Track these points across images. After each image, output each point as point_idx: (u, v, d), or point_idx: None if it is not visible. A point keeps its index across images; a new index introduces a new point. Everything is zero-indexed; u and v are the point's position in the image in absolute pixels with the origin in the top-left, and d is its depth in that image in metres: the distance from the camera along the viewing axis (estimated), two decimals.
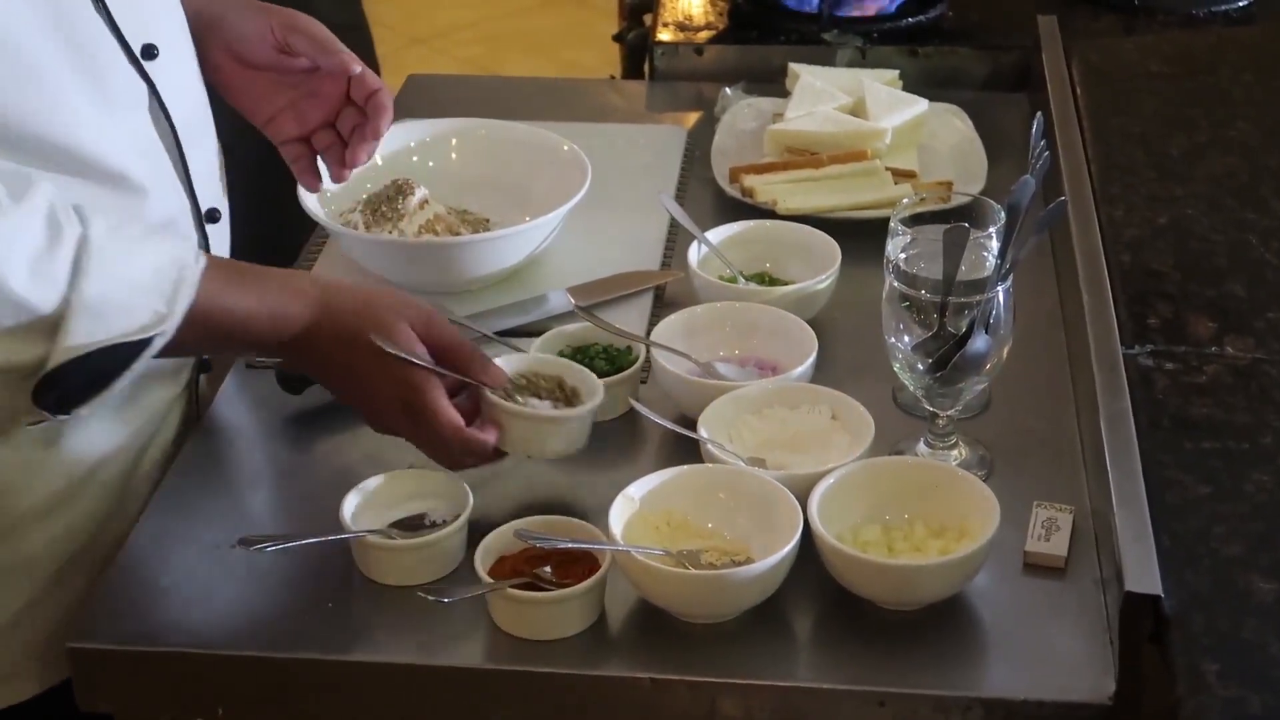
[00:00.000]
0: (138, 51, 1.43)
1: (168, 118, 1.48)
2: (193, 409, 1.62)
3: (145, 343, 1.28)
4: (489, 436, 1.41)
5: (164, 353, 1.31)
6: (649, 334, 1.63)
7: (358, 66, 1.61)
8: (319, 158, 1.65)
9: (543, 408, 1.44)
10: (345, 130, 1.64)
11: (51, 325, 1.25)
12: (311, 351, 1.40)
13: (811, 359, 1.55)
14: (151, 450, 1.54)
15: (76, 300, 1.24)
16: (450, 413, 1.39)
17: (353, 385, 1.41)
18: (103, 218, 1.29)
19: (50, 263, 1.24)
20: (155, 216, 1.43)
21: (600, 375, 1.53)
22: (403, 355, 1.37)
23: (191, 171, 1.51)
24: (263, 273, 1.39)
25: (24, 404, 1.28)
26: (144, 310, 1.28)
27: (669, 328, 1.61)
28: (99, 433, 1.46)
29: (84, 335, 1.25)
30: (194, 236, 1.53)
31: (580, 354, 1.60)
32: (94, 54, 1.38)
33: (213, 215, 1.56)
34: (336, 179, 1.66)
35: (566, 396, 1.47)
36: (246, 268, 1.39)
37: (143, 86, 1.44)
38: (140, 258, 1.30)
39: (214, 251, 1.56)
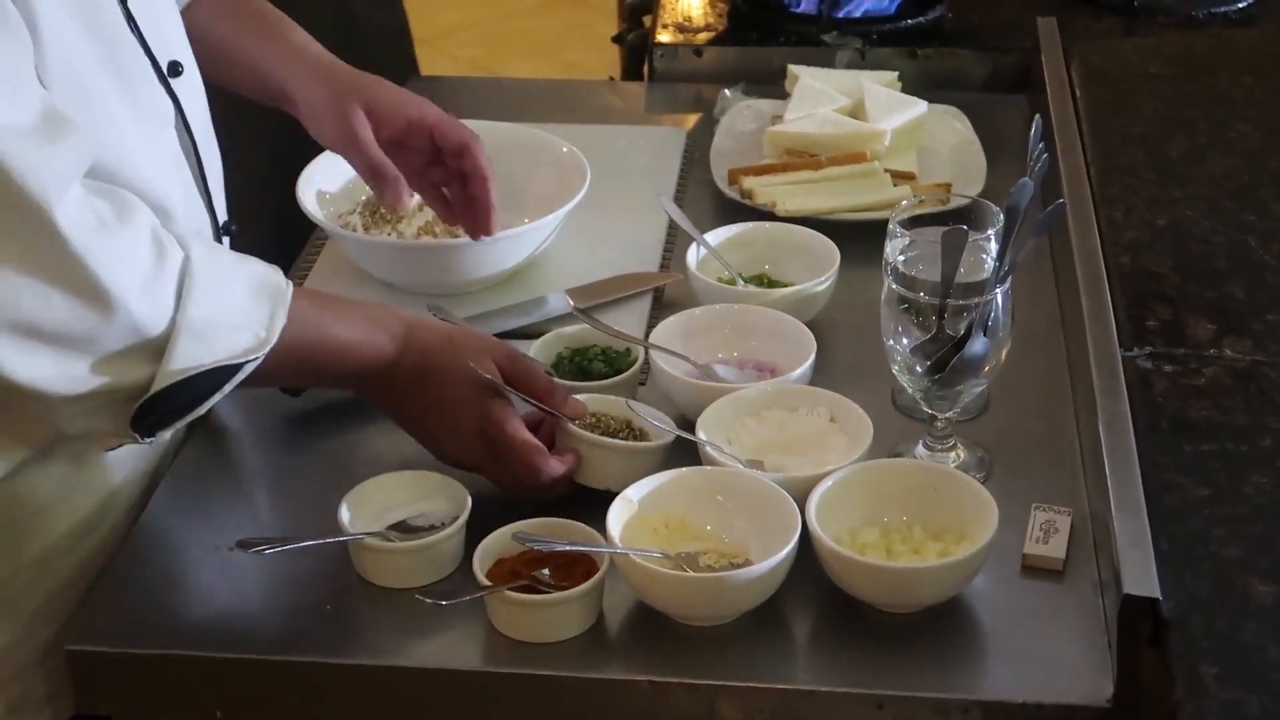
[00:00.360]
0: (165, 69, 1.44)
1: (190, 134, 1.48)
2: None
3: (239, 367, 1.30)
4: (567, 461, 1.43)
5: (250, 380, 1.32)
6: (648, 336, 1.63)
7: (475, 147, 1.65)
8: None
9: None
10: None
11: (158, 348, 1.25)
12: (392, 384, 1.43)
13: (810, 361, 1.55)
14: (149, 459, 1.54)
15: (183, 322, 1.25)
16: (531, 438, 1.42)
17: (431, 418, 1.44)
18: (199, 241, 1.30)
19: (158, 284, 1.25)
20: (185, 232, 1.43)
21: (598, 377, 1.54)
22: (495, 383, 1.40)
23: (210, 186, 1.52)
24: (350, 304, 1.43)
25: (118, 426, 1.29)
26: (246, 333, 1.30)
27: (668, 330, 1.61)
28: (125, 454, 1.46)
29: (189, 359, 1.26)
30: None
31: (579, 355, 1.60)
32: (132, 73, 1.38)
33: (228, 228, 1.57)
34: (478, 235, 1.67)
35: (635, 435, 1.49)
36: (334, 298, 1.43)
37: (170, 103, 1.44)
38: (238, 281, 1.31)
39: None
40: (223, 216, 1.55)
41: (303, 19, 1.71)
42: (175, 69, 1.45)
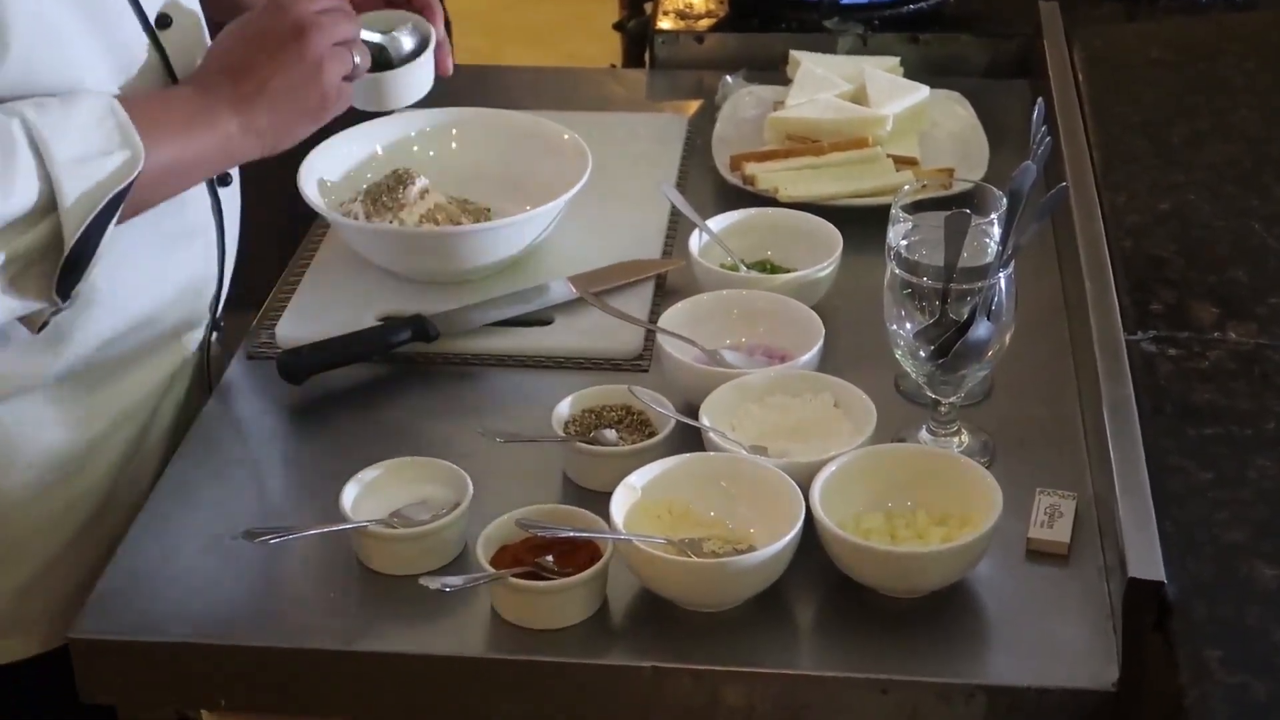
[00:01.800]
0: (153, 20, 1.46)
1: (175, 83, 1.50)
2: (204, 371, 1.65)
3: (122, 194, 1.33)
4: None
5: (135, 205, 1.35)
6: (651, 322, 1.63)
7: None
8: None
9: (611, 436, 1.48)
10: None
11: (46, 206, 1.30)
12: (228, 68, 1.44)
13: (818, 346, 1.55)
14: (164, 410, 1.60)
15: (55, 170, 1.29)
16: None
17: (261, 54, 1.45)
18: (24, 102, 1.32)
19: (14, 155, 1.28)
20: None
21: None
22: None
23: None
24: (166, 93, 1.45)
25: (43, 292, 1.32)
26: (115, 155, 1.33)
27: (675, 315, 1.61)
28: (116, 394, 1.52)
29: (78, 191, 1.30)
30: (205, 199, 1.57)
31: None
32: (112, 21, 1.42)
33: (224, 179, 1.59)
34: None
35: (635, 422, 1.50)
36: (153, 96, 1.44)
37: (156, 56, 1.47)
38: (76, 116, 1.33)
39: (226, 215, 1.60)
40: None
41: None
42: (164, 21, 1.48)
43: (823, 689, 1.29)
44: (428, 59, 1.61)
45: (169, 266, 1.55)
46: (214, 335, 1.66)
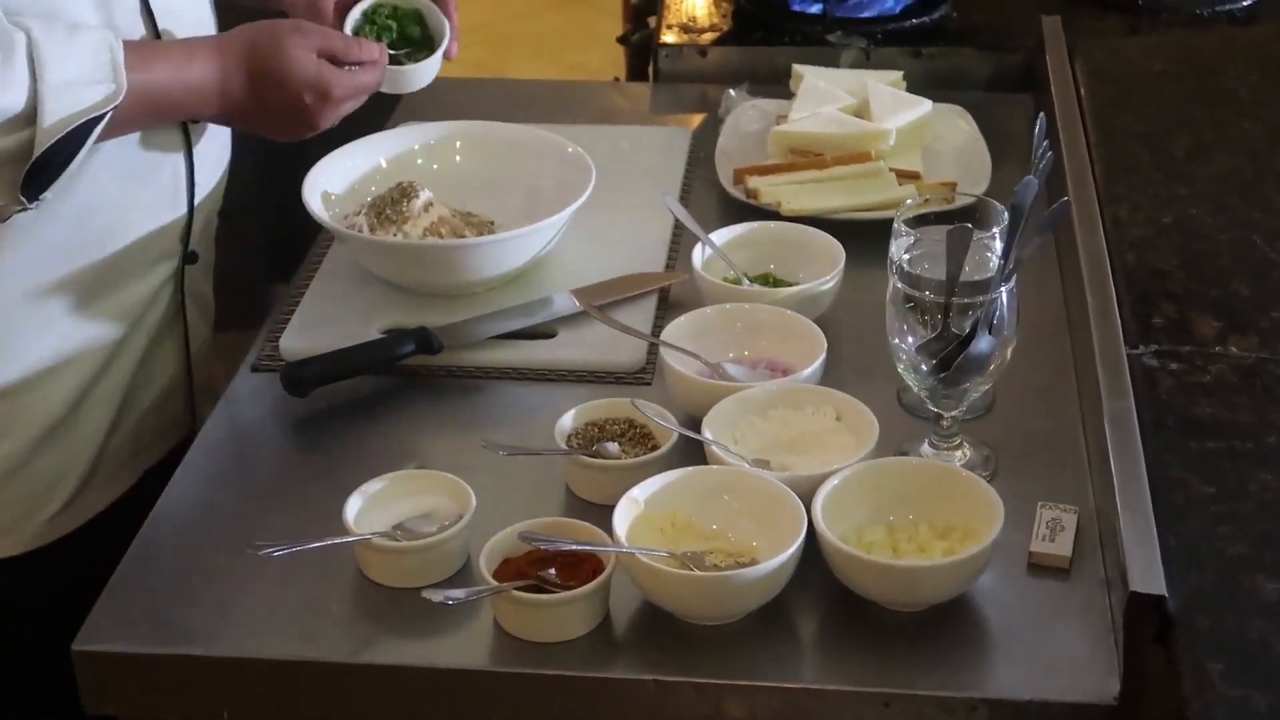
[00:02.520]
0: None
1: (152, 18, 1.59)
2: (179, 304, 1.73)
3: (101, 117, 1.44)
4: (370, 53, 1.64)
5: (107, 131, 1.46)
6: (654, 335, 1.63)
7: None
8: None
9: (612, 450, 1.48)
10: None
11: (29, 116, 1.40)
12: (227, 95, 1.56)
13: (821, 359, 1.55)
14: (134, 338, 1.67)
15: (44, 90, 1.40)
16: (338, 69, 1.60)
17: (272, 115, 1.60)
18: (34, 21, 1.43)
19: (11, 67, 1.39)
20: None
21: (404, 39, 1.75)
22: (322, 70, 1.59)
23: None
24: (169, 43, 1.58)
25: (9, 195, 1.43)
26: (100, 86, 1.44)
27: (679, 329, 1.61)
28: (88, 308, 1.60)
29: (58, 114, 1.41)
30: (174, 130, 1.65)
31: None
32: None
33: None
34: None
35: (638, 436, 1.50)
36: (154, 44, 1.57)
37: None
38: (78, 45, 1.44)
39: (195, 147, 1.67)
40: None
41: None
42: None
43: (825, 702, 1.29)
44: (439, 53, 1.75)
45: (130, 187, 1.61)
46: (185, 269, 1.72)
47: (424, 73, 1.76)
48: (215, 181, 1.73)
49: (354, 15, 1.75)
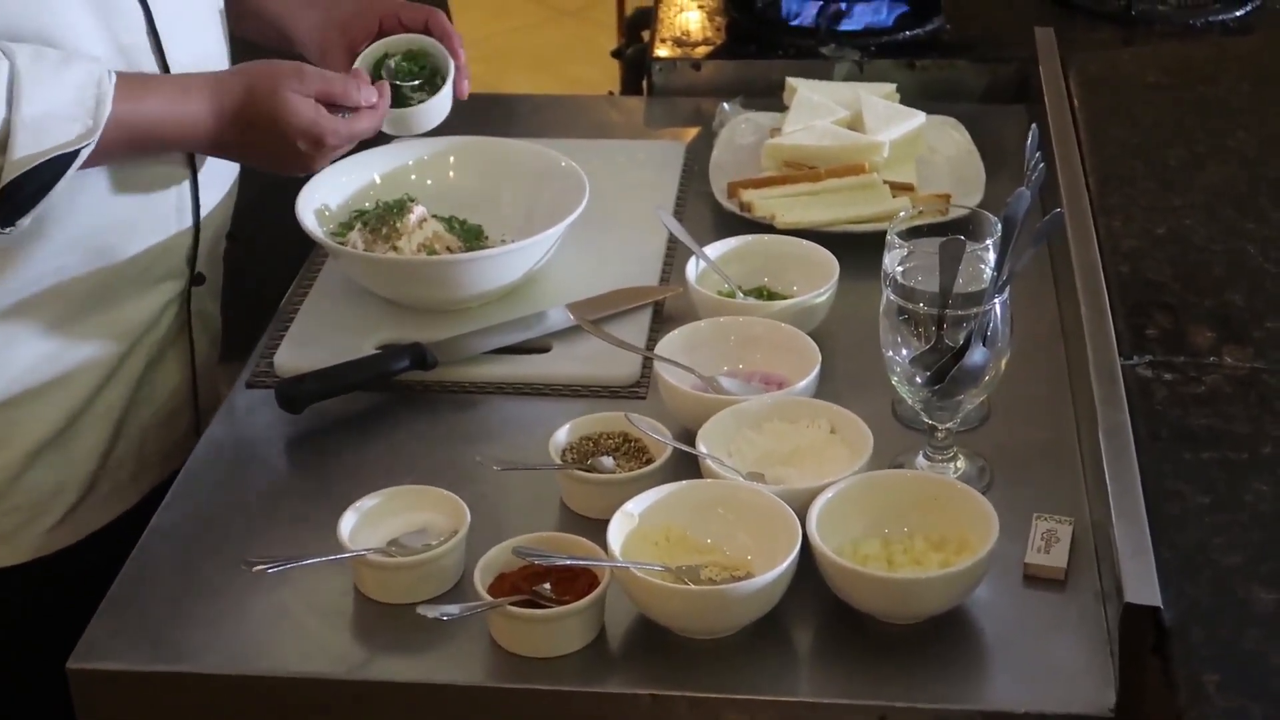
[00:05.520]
0: None
1: (157, 39, 1.58)
2: (185, 325, 1.73)
3: (76, 153, 1.44)
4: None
5: (93, 160, 1.46)
6: (649, 349, 1.63)
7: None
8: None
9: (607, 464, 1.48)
10: None
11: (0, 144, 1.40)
12: (221, 140, 1.58)
13: (815, 372, 1.55)
14: (134, 358, 1.66)
15: (18, 120, 1.40)
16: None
17: (267, 156, 1.61)
18: (25, 48, 1.43)
19: None
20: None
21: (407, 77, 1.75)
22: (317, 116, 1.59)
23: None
24: (163, 79, 1.58)
25: None
26: (76, 123, 1.44)
27: (672, 342, 1.61)
28: (87, 326, 1.61)
29: (28, 148, 1.41)
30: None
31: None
32: None
33: None
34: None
35: (632, 449, 1.50)
36: (149, 78, 1.57)
37: (140, 13, 1.56)
38: (64, 78, 1.44)
39: (200, 171, 1.67)
40: None
41: None
42: None
43: (821, 716, 1.29)
44: (447, 91, 1.74)
45: (131, 205, 1.60)
46: (192, 290, 1.72)
47: (434, 113, 1.75)
48: (220, 200, 1.72)
49: (367, 54, 1.76)
